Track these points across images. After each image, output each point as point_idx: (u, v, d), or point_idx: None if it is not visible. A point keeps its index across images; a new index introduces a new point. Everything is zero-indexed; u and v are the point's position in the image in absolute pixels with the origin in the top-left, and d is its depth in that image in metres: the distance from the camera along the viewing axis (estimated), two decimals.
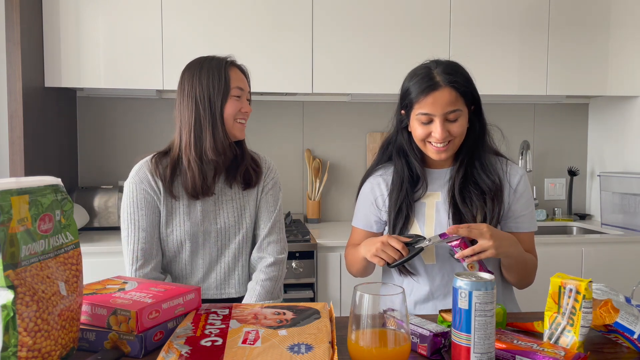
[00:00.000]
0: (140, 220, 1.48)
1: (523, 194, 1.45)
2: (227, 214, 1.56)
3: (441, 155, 1.39)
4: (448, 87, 1.33)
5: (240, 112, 1.51)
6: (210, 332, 0.97)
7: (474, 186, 1.41)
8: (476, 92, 1.41)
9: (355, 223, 1.58)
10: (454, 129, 1.36)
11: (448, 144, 1.37)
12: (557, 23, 2.73)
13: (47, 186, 0.89)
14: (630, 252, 2.56)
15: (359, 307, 0.85)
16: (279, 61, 2.54)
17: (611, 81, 2.79)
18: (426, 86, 1.34)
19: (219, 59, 1.51)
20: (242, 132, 1.54)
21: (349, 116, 3.01)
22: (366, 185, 1.55)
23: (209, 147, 1.47)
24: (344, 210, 3.01)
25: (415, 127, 1.39)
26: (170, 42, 2.47)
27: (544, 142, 3.18)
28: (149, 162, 1.52)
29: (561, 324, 0.98)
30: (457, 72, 1.37)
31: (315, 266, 2.37)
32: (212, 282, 1.56)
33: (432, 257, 1.43)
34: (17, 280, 0.79)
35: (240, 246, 1.58)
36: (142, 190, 1.49)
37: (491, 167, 1.43)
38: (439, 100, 1.33)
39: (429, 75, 1.36)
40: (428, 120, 1.36)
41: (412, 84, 1.38)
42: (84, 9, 2.42)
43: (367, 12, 2.60)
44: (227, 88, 1.47)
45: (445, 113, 1.34)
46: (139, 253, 1.47)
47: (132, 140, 2.84)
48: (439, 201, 1.44)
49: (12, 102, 2.22)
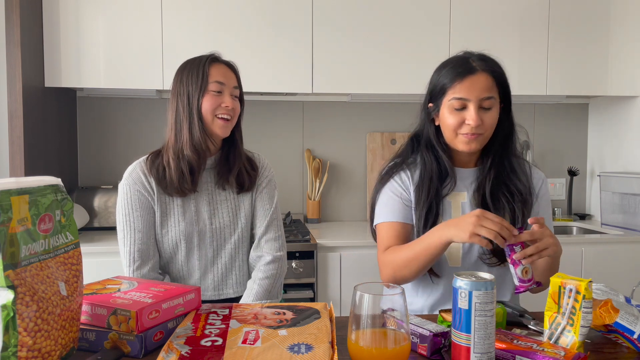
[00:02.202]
0: (136, 221, 1.49)
1: (544, 197, 1.44)
2: (221, 214, 1.56)
3: (471, 146, 1.33)
4: (485, 72, 1.31)
5: (220, 107, 1.48)
6: (210, 332, 0.97)
7: (505, 188, 1.38)
8: (509, 87, 1.37)
9: (383, 218, 1.42)
10: (487, 118, 1.31)
11: (479, 136, 1.32)
12: (557, 23, 2.73)
13: (47, 186, 0.88)
14: (630, 252, 2.56)
15: (359, 307, 0.85)
16: (279, 61, 2.54)
17: (611, 81, 2.79)
18: (462, 70, 1.31)
19: (199, 58, 1.51)
20: (223, 130, 1.50)
21: (349, 116, 3.01)
22: (393, 179, 1.44)
23: (185, 142, 1.48)
24: (344, 210, 3.01)
25: (447, 116, 1.34)
26: (170, 42, 2.47)
27: (544, 142, 3.18)
28: (143, 162, 1.54)
29: (561, 324, 0.98)
30: (495, 61, 1.36)
31: (315, 266, 2.37)
32: (210, 284, 1.55)
33: (458, 260, 1.39)
34: (17, 280, 0.79)
35: (237, 246, 1.57)
36: (135, 191, 1.50)
37: (520, 170, 1.40)
38: (475, 84, 1.30)
39: (465, 60, 1.33)
40: (461, 106, 1.31)
41: (443, 72, 1.35)
42: (84, 9, 2.42)
43: (367, 12, 2.60)
44: (205, 83, 1.47)
45: (481, 99, 1.30)
46: (135, 254, 1.48)
47: (132, 140, 2.84)
48: (465, 202, 1.41)
49: (12, 102, 2.22)
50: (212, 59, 1.51)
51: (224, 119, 1.49)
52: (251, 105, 2.88)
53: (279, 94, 2.83)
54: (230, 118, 1.50)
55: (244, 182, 1.58)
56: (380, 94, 2.67)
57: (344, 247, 2.40)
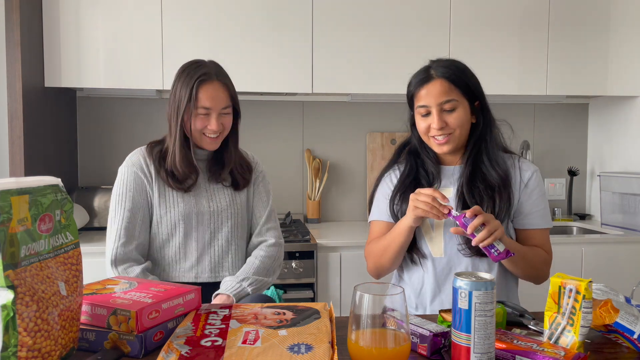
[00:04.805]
0: (127, 201, 1.55)
1: (535, 190, 1.46)
2: (219, 198, 1.62)
3: (443, 148, 1.43)
4: (440, 78, 1.40)
5: (206, 128, 1.53)
6: (210, 332, 0.97)
7: (482, 181, 1.43)
8: (476, 85, 1.45)
9: (374, 217, 1.57)
10: (451, 119, 1.40)
11: (449, 137, 1.41)
12: (557, 23, 2.73)
13: (47, 186, 0.89)
14: (630, 252, 2.56)
15: (359, 307, 0.85)
16: (279, 61, 2.54)
17: (611, 81, 2.79)
18: (420, 79, 1.43)
19: (193, 72, 1.52)
20: (211, 145, 1.57)
21: (349, 116, 3.01)
22: (384, 180, 1.57)
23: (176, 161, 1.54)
24: (344, 210, 3.01)
25: (418, 122, 1.45)
26: (170, 42, 2.47)
27: (544, 142, 3.18)
28: (144, 148, 1.62)
29: (561, 324, 0.98)
30: (453, 65, 1.44)
31: (315, 266, 2.37)
32: (207, 265, 1.60)
33: (440, 251, 1.44)
34: (17, 280, 0.79)
35: (233, 230, 1.63)
36: (132, 172, 1.56)
37: (499, 162, 1.44)
38: (432, 91, 1.40)
39: (425, 70, 1.44)
40: (426, 112, 1.42)
41: (411, 81, 1.47)
42: (84, 9, 2.42)
43: (367, 12, 2.60)
44: (193, 106, 1.51)
45: (440, 103, 1.39)
46: (122, 232, 1.53)
47: (132, 140, 2.83)
48: (451, 197, 1.45)
49: (12, 102, 2.22)
50: (201, 81, 1.51)
51: (211, 137, 1.55)
52: (251, 105, 2.88)
53: (279, 94, 2.83)
54: (217, 135, 1.56)
55: (238, 184, 1.64)
56: (380, 94, 2.67)
57: (344, 247, 2.40)
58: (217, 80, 1.53)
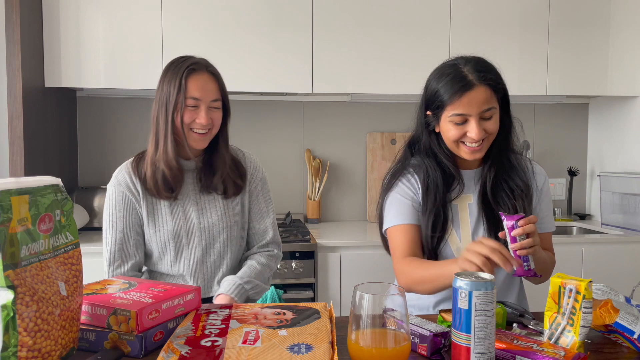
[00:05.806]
0: (118, 222, 1.51)
1: (547, 194, 1.45)
2: (209, 214, 1.55)
3: (475, 155, 1.34)
4: (482, 85, 1.28)
5: (195, 122, 1.45)
6: (210, 332, 0.97)
7: (505, 186, 1.38)
8: (506, 86, 1.36)
9: (393, 222, 1.40)
10: (490, 126, 1.31)
11: (482, 143, 1.32)
12: (557, 23, 2.73)
13: (47, 186, 0.88)
14: (630, 252, 2.56)
15: (359, 307, 0.85)
16: (279, 61, 2.54)
17: (611, 81, 2.79)
18: (460, 86, 1.28)
19: (181, 64, 1.46)
20: (199, 143, 1.48)
21: (349, 116, 3.01)
22: (400, 182, 1.42)
23: (160, 157, 1.47)
24: (344, 210, 3.01)
25: (448, 129, 1.33)
26: (170, 42, 2.47)
27: (544, 142, 3.18)
28: (130, 163, 1.55)
29: (561, 324, 0.98)
30: (488, 68, 1.33)
31: (315, 266, 2.37)
32: (200, 282, 1.56)
33: None
34: (17, 280, 0.79)
35: (226, 244, 1.57)
36: (120, 192, 1.52)
37: (519, 166, 1.41)
38: (474, 100, 1.28)
39: (460, 74, 1.30)
40: (462, 120, 1.30)
41: (441, 86, 1.31)
42: (84, 9, 2.42)
43: (367, 12, 2.60)
44: (182, 97, 1.43)
45: (481, 112, 1.29)
46: (115, 254, 1.50)
47: (132, 140, 2.84)
48: (471, 203, 1.41)
49: (12, 102, 2.22)
50: (191, 70, 1.45)
51: (199, 133, 1.47)
52: (251, 105, 2.88)
53: (279, 94, 2.83)
54: (206, 132, 1.48)
55: (228, 189, 1.55)
56: (380, 94, 2.67)
57: (344, 247, 2.40)
58: (207, 71, 1.48)
